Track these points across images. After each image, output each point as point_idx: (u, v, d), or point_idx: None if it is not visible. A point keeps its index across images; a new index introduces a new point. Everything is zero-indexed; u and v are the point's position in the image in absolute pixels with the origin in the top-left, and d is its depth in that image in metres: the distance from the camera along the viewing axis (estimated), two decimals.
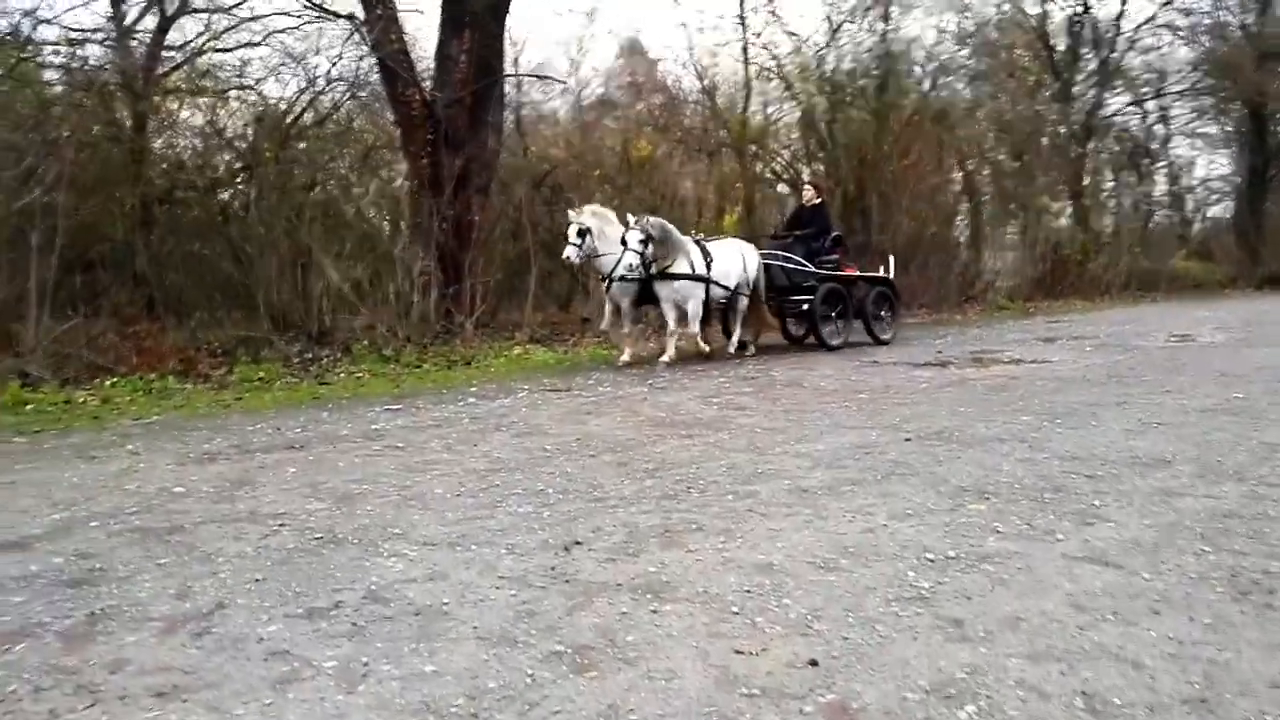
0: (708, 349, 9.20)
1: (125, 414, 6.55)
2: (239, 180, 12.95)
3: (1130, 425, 5.19)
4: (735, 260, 9.41)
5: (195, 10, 12.94)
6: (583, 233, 8.66)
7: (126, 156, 11.83)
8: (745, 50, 17.62)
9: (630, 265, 8.36)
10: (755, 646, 2.33)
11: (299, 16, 12.46)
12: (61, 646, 2.37)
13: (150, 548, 3.23)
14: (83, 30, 12.24)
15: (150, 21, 13.80)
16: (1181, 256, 27.19)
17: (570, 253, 8.72)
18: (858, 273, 11.07)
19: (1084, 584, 2.74)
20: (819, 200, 10.85)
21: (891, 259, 11.76)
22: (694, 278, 8.87)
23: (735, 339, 9.76)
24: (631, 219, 8.65)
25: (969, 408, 5.96)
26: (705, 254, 9.08)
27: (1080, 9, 24.29)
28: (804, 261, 10.09)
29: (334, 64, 13.01)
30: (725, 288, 9.24)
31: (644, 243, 8.42)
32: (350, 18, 11.40)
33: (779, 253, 10.20)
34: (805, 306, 10.13)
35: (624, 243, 8.45)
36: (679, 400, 6.63)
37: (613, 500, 3.74)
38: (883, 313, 10.97)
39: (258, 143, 12.07)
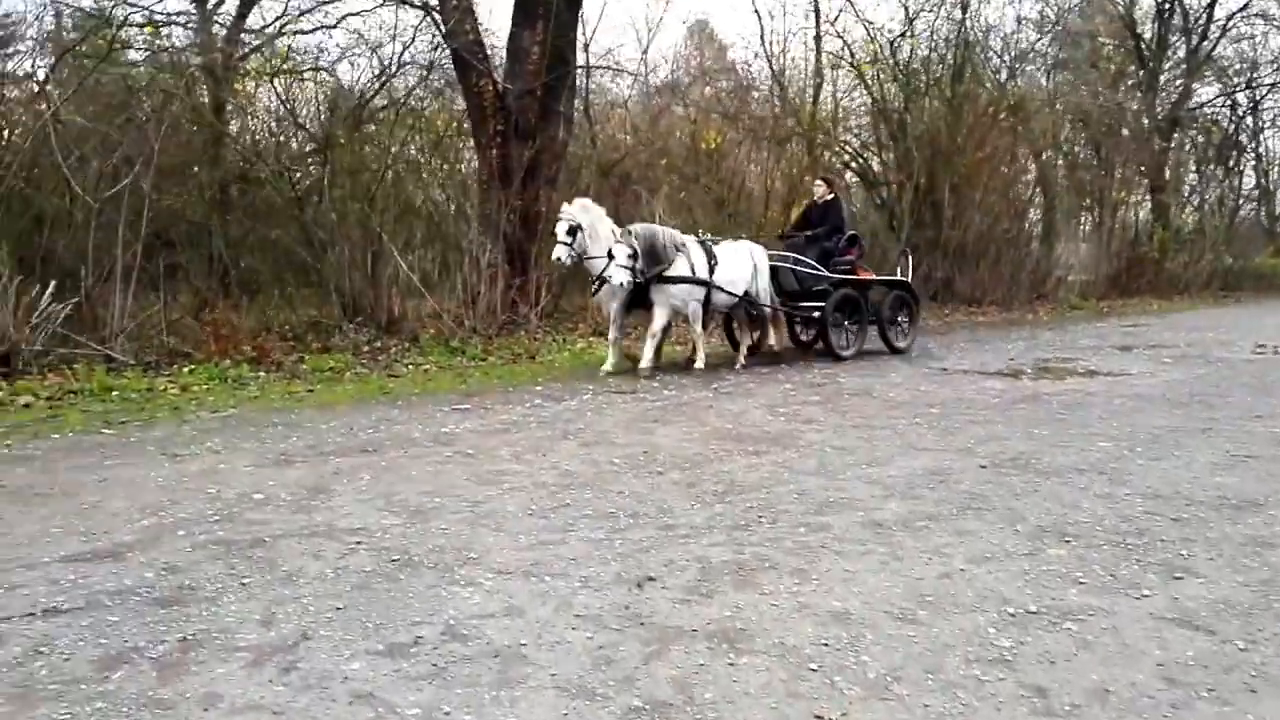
0: (702, 363, 8.57)
1: (203, 404, 6.75)
2: (311, 162, 13.18)
3: (1217, 458, 5.01)
4: (744, 265, 8.78)
5: None
6: (573, 230, 8.11)
7: (206, 139, 12.15)
8: (818, 38, 17.34)
9: (621, 283, 7.88)
10: (835, 711, 2.30)
11: (374, 0, 12.62)
12: (156, 676, 2.45)
13: (234, 564, 3.31)
14: (167, 14, 12.57)
15: (231, 5, 14.11)
16: (1270, 253, 26.16)
17: (560, 253, 8.15)
18: (874, 276, 10.38)
19: (1174, 651, 2.65)
20: (831, 196, 10.01)
21: (910, 260, 10.98)
22: (693, 281, 8.33)
23: (741, 355, 9.10)
24: (618, 231, 8.14)
25: (1044, 429, 5.81)
26: (710, 256, 8.49)
27: None
28: (816, 264, 9.43)
29: (406, 47, 13.16)
30: (731, 294, 8.64)
31: (632, 257, 7.90)
32: (425, 7, 11.46)
33: (789, 255, 9.51)
34: (816, 314, 9.44)
35: (610, 255, 7.94)
36: (744, 409, 6.59)
37: (683, 529, 3.73)
38: (900, 319, 10.24)
39: (331, 129, 12.26)
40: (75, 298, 8.37)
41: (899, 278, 10.59)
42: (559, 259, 8.25)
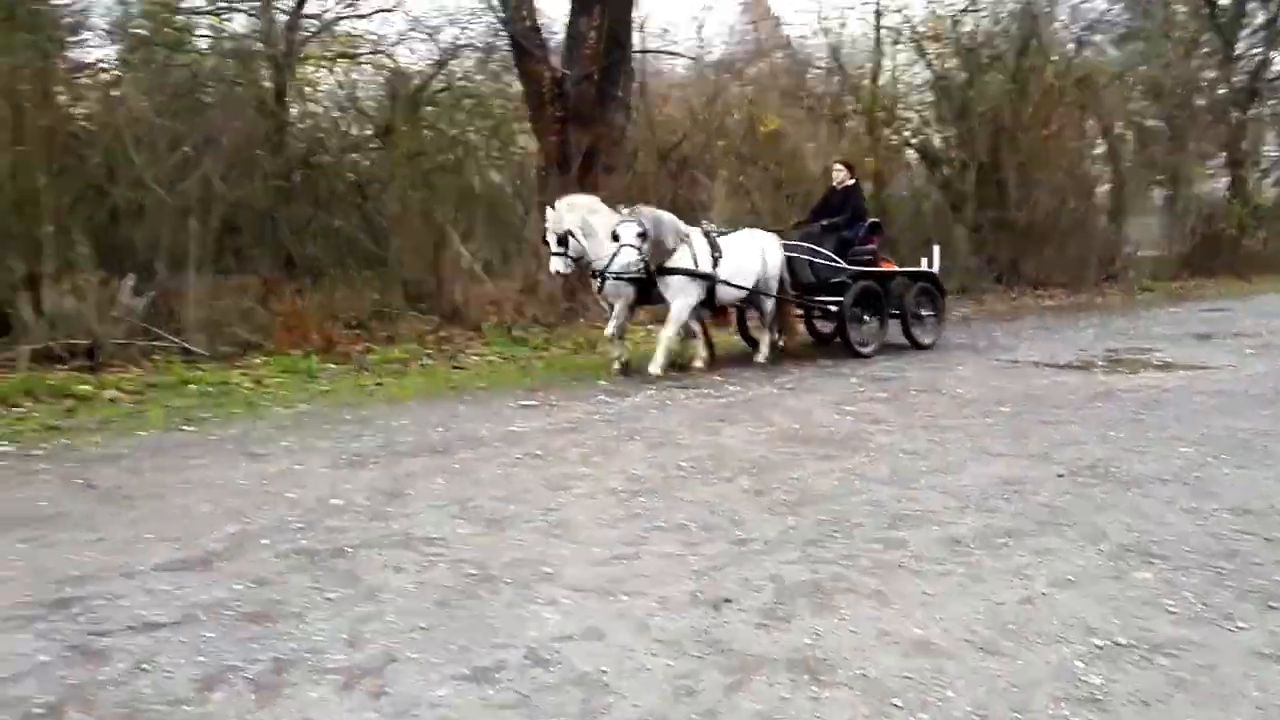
0: (657, 369, 7.80)
1: (276, 399, 6.91)
2: (373, 147, 13.34)
3: None
4: (752, 257, 8.28)
5: None
6: (564, 239, 7.46)
7: (270, 127, 12.35)
8: (878, 14, 16.92)
9: (628, 264, 7.31)
10: None
11: None
12: (254, 698, 2.53)
13: (318, 576, 3.40)
14: (229, 2, 12.77)
15: None
16: None
17: (557, 265, 7.56)
18: (896, 267, 9.82)
19: (1274, 693, 2.57)
20: (852, 181, 9.37)
21: (936, 250, 10.19)
22: (692, 274, 7.80)
23: (765, 348, 8.67)
24: (624, 210, 7.66)
25: (1120, 431, 5.66)
26: (714, 248, 8.00)
27: None
28: (833, 255, 8.91)
29: (463, 29, 13.21)
30: (738, 288, 8.16)
31: (641, 236, 7.36)
32: None
33: (805, 245, 8.98)
34: (834, 308, 8.92)
35: (615, 238, 7.39)
36: (810, 407, 6.54)
37: (756, 544, 3.72)
38: (924, 313, 9.69)
39: (393, 119, 12.37)
40: (152, 289, 8.62)
41: (924, 269, 10.03)
42: (558, 272, 7.77)
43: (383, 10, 13.44)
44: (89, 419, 6.14)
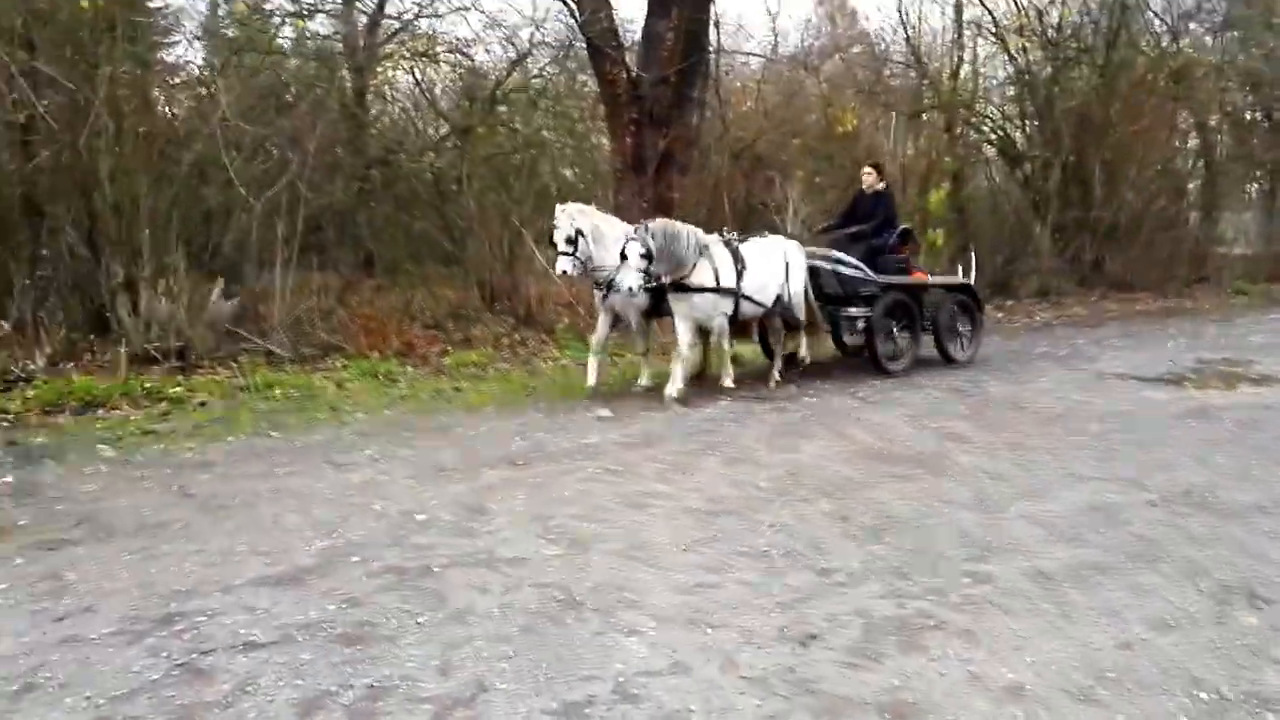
0: (729, 382, 7.69)
1: (359, 405, 7.07)
2: (451, 146, 13.54)
3: None
4: (775, 269, 7.79)
5: None
6: (573, 239, 7.20)
7: (350, 128, 12.65)
8: (959, 6, 16.49)
9: (632, 288, 6.90)
10: None
11: None
12: None
13: (407, 596, 3.47)
14: (311, 4, 13.07)
15: None
16: None
17: (565, 265, 7.25)
18: (929, 278, 9.24)
19: None
20: (882, 185, 8.85)
21: (973, 259, 9.57)
22: (718, 290, 7.35)
23: (776, 370, 8.12)
24: (631, 228, 7.22)
25: (1217, 454, 5.45)
26: (737, 259, 7.52)
27: None
28: (861, 264, 8.37)
29: (538, 26, 13.31)
30: (760, 304, 7.72)
31: (646, 257, 6.91)
32: None
33: (831, 253, 8.43)
34: (862, 323, 8.35)
35: (623, 256, 7.02)
36: (888, 420, 6.45)
37: (840, 574, 3.68)
38: (960, 327, 9.09)
39: (469, 117, 12.54)
40: (239, 292, 8.90)
41: (959, 280, 9.43)
42: (564, 272, 7.41)
43: (460, 9, 13.62)
44: (183, 423, 6.37)
